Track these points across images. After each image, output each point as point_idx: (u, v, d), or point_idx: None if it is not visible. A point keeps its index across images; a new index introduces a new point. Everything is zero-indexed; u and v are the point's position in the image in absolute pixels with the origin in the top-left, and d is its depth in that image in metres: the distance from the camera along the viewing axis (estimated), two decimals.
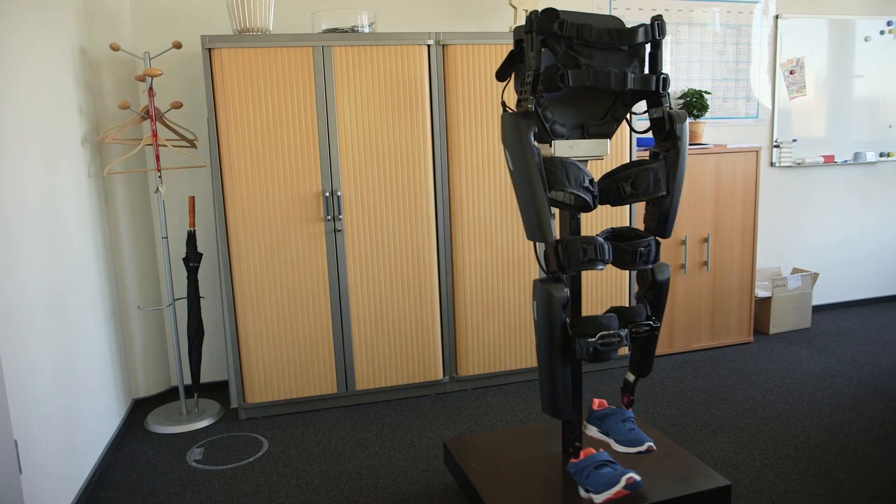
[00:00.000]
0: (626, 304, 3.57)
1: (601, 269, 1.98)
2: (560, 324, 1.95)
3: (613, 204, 2.05)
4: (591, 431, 2.28)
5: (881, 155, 4.58)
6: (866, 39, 4.43)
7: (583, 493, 2.08)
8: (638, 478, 1.99)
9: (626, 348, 2.28)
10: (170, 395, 3.49)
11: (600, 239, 1.94)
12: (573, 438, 2.22)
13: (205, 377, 3.55)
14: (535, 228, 1.91)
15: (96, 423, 2.78)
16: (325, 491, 2.54)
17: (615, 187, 2.02)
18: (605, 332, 1.94)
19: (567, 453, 2.28)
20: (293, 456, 2.83)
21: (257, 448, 2.92)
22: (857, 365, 3.64)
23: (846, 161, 4.52)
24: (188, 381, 3.46)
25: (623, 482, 1.97)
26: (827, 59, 4.37)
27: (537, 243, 1.97)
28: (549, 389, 2.00)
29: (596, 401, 2.32)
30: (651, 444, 2.11)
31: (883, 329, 4.23)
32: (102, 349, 2.94)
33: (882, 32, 4.46)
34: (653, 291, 2.10)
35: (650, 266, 2.06)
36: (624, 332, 1.98)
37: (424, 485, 2.55)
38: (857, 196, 4.63)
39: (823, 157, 4.46)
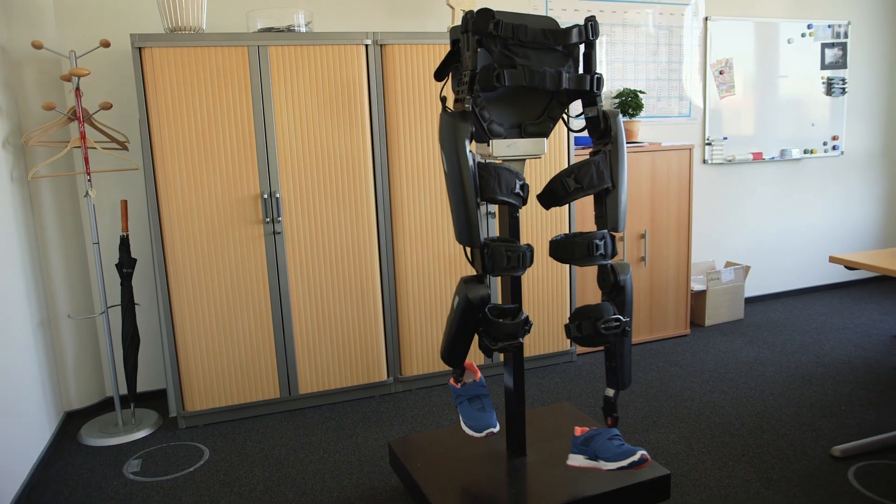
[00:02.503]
0: (568, 301, 3.64)
1: (520, 275, 2.10)
2: (472, 321, 2.03)
3: (560, 202, 2.06)
4: (577, 461, 2.15)
5: (805, 152, 4.79)
6: (789, 41, 4.63)
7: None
8: (496, 429, 2.16)
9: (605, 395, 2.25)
10: (104, 406, 3.38)
11: (524, 247, 1.98)
12: (459, 374, 2.31)
13: (141, 386, 3.44)
14: (464, 232, 1.94)
15: (24, 438, 2.66)
16: (269, 498, 2.50)
17: (560, 184, 2.04)
18: (509, 343, 2.05)
19: (452, 377, 2.35)
20: (235, 464, 2.78)
21: (198, 457, 2.85)
22: (787, 353, 3.79)
23: (773, 158, 4.70)
24: (124, 390, 3.34)
25: (483, 434, 2.15)
26: (754, 60, 4.54)
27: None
28: (449, 348, 2.11)
29: (577, 428, 2.21)
30: (644, 452, 2.03)
31: (810, 318, 4.43)
32: (30, 360, 2.81)
33: (803, 35, 4.66)
34: (615, 292, 2.09)
35: (608, 262, 2.06)
36: (525, 331, 2.07)
37: (370, 487, 2.54)
38: (784, 191, 4.83)
39: (752, 154, 4.64)
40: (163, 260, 2.97)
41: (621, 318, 2.06)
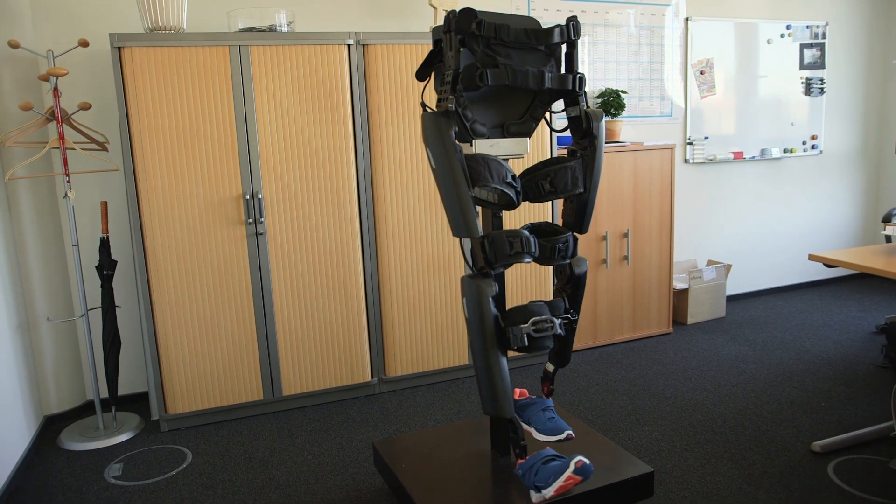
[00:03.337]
0: (550, 298, 3.65)
1: (528, 262, 1.98)
2: (492, 317, 1.94)
3: (533, 201, 2.09)
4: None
5: (785, 151, 4.84)
6: (768, 42, 4.67)
7: (534, 497, 2.00)
8: (587, 461, 1.94)
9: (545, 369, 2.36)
10: (85, 409, 3.34)
11: (525, 232, 1.96)
12: (517, 438, 2.08)
13: (123, 389, 3.40)
14: (460, 225, 1.90)
15: (2, 443, 2.62)
16: (253, 500, 2.48)
17: (534, 185, 2.06)
18: (538, 318, 1.94)
19: (515, 454, 2.14)
20: (218, 466, 2.75)
21: (180, 460, 2.82)
22: (768, 350, 3.83)
23: (754, 157, 4.75)
24: (104, 394, 3.31)
25: (573, 466, 1.91)
26: (734, 61, 4.59)
27: (463, 240, 1.98)
28: (488, 388, 1.95)
29: (517, 391, 2.36)
30: (570, 432, 2.13)
31: (790, 315, 4.47)
32: (8, 364, 2.78)
33: (782, 35, 4.71)
34: (571, 285, 2.15)
35: (568, 261, 2.11)
36: (557, 321, 1.98)
37: (355, 488, 2.53)
38: (764, 190, 4.88)
39: (733, 153, 4.68)
40: (144, 262, 2.94)
41: (570, 316, 2.12)
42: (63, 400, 3.26)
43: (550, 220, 3.60)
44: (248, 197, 3.02)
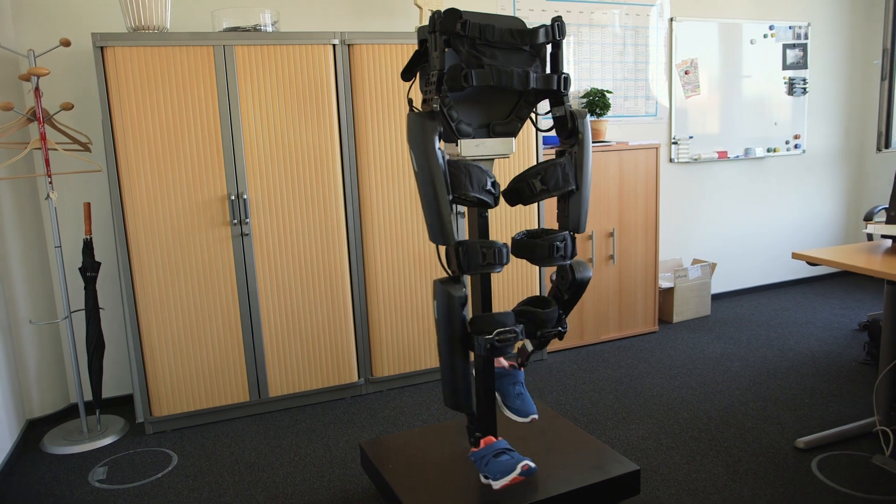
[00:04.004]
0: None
1: (498, 272, 2.04)
2: (459, 322, 1.98)
3: (526, 202, 2.07)
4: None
5: (768, 150, 4.89)
6: (752, 42, 4.71)
7: (483, 480, 2.13)
8: (532, 465, 2.05)
9: (522, 343, 2.38)
10: (69, 413, 3.31)
11: (500, 244, 1.98)
12: (473, 429, 2.22)
13: (107, 392, 3.38)
14: (437, 231, 1.93)
15: None
16: (239, 502, 2.47)
17: (526, 185, 2.05)
18: (502, 329, 1.99)
19: (470, 442, 2.26)
20: (204, 469, 2.74)
21: (166, 463, 2.80)
22: (752, 348, 3.86)
23: (738, 156, 4.79)
24: (88, 396, 3.28)
25: (519, 469, 2.02)
26: (718, 61, 4.62)
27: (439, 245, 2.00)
28: (450, 384, 2.04)
29: (499, 359, 2.34)
30: (535, 416, 2.23)
31: (774, 314, 4.51)
32: None
33: (765, 36, 4.75)
34: (572, 290, 2.12)
35: (568, 262, 2.08)
36: (520, 328, 2.03)
37: (342, 489, 2.53)
38: (748, 189, 4.92)
39: (718, 152, 4.71)
40: (128, 263, 2.91)
41: (560, 329, 2.13)
42: (46, 403, 3.23)
43: (539, 227, 3.61)
44: (233, 198, 3.00)
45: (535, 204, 3.58)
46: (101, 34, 2.73)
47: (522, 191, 2.06)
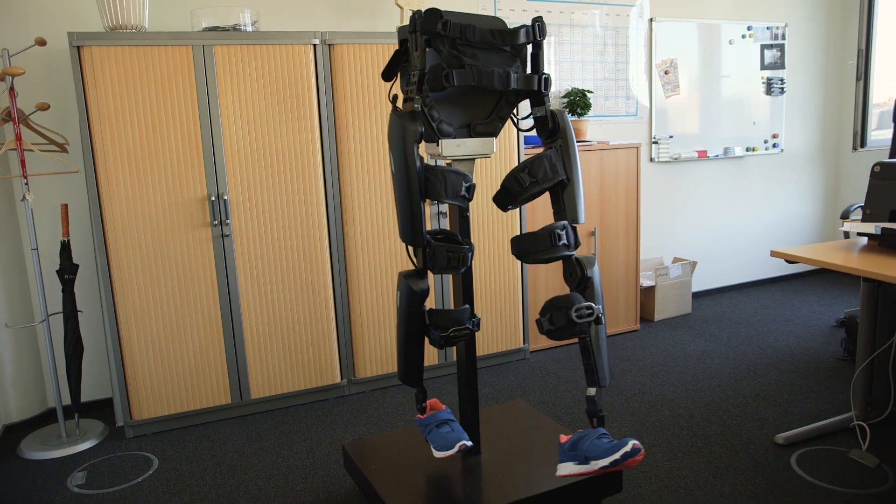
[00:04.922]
0: (521, 298, 3.67)
1: (460, 273, 2.14)
2: (419, 314, 2.06)
3: (516, 200, 2.05)
4: (566, 469, 2.02)
5: (747, 150, 4.94)
6: (730, 42, 4.76)
7: (435, 454, 2.18)
8: (469, 443, 2.10)
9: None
10: (46, 417, 3.26)
11: (466, 248, 2.02)
12: (420, 399, 2.29)
13: (86, 396, 3.33)
14: (407, 232, 1.97)
15: None
16: None
17: (514, 180, 2.04)
18: (457, 327, 2.06)
19: (417, 409, 2.33)
20: (186, 472, 2.71)
21: (147, 467, 2.77)
22: (732, 346, 3.90)
23: (717, 156, 4.83)
24: (67, 401, 3.24)
25: (456, 448, 2.08)
26: (698, 61, 4.66)
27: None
28: (403, 364, 2.15)
29: (563, 436, 2.14)
30: (636, 442, 1.91)
31: (754, 311, 4.56)
32: None
33: (743, 36, 4.80)
34: (583, 286, 2.04)
35: (573, 254, 2.03)
36: (473, 322, 2.10)
37: (325, 490, 2.52)
38: (727, 188, 4.97)
39: (697, 152, 4.75)
40: (106, 265, 2.88)
41: (593, 304, 1.99)
42: (23, 408, 3.18)
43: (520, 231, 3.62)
44: (213, 198, 2.98)
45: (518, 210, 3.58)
46: (78, 33, 2.70)
47: (511, 187, 2.04)
